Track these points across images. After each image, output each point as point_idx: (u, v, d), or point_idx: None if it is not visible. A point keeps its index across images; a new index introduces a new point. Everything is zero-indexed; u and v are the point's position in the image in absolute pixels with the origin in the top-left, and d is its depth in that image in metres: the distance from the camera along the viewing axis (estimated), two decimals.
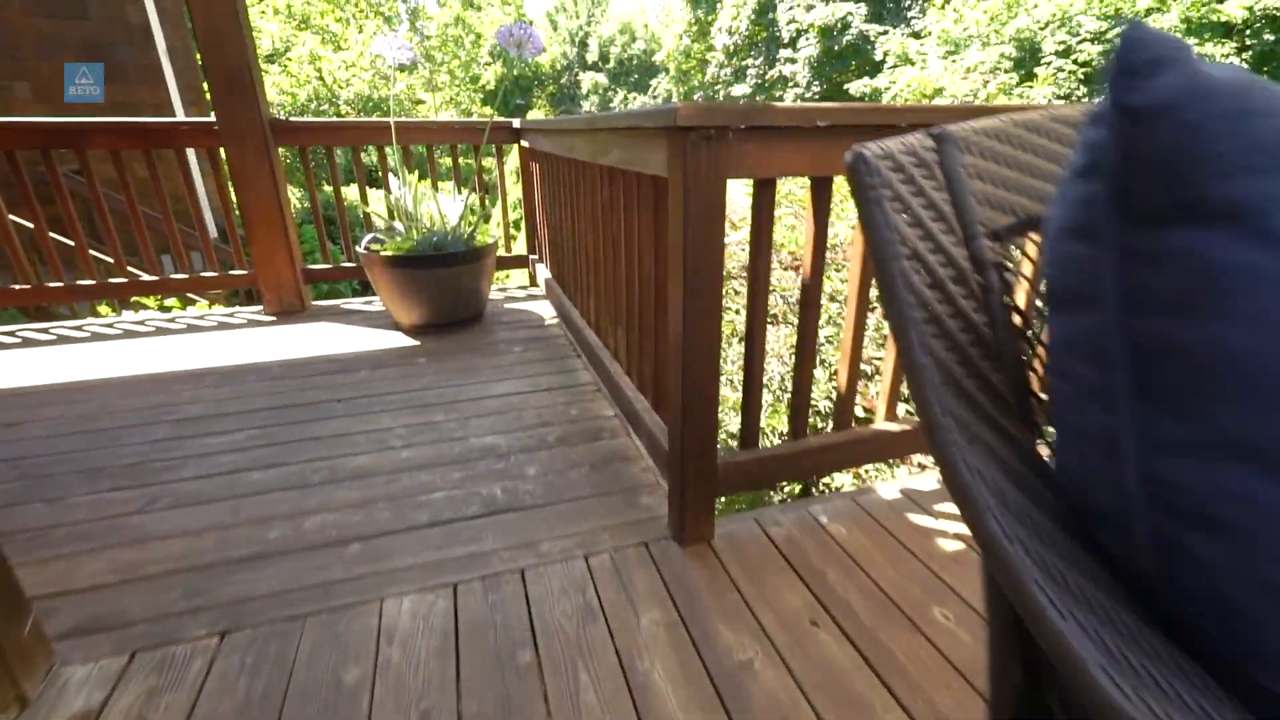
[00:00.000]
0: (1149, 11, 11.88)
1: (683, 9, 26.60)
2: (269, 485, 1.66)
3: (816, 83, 19.23)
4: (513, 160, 8.33)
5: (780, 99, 21.04)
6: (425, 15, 16.26)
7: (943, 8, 15.23)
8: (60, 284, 2.93)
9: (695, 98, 28.30)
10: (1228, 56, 11.62)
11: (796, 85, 19.61)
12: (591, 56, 37.87)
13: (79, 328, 2.95)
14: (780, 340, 3.19)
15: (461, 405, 2.13)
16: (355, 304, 3.30)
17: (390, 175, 2.88)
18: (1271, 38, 11.80)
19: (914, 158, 0.49)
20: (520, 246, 4.00)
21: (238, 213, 3.01)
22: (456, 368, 2.46)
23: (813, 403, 2.83)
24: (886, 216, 0.46)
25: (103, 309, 3.89)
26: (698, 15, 24.69)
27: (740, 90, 22.36)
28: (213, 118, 2.79)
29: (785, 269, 3.66)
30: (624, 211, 1.66)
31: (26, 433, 1.95)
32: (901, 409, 1.64)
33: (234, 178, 2.88)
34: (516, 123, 3.20)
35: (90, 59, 6.00)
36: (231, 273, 3.16)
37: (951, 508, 1.54)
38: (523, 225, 3.80)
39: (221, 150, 2.88)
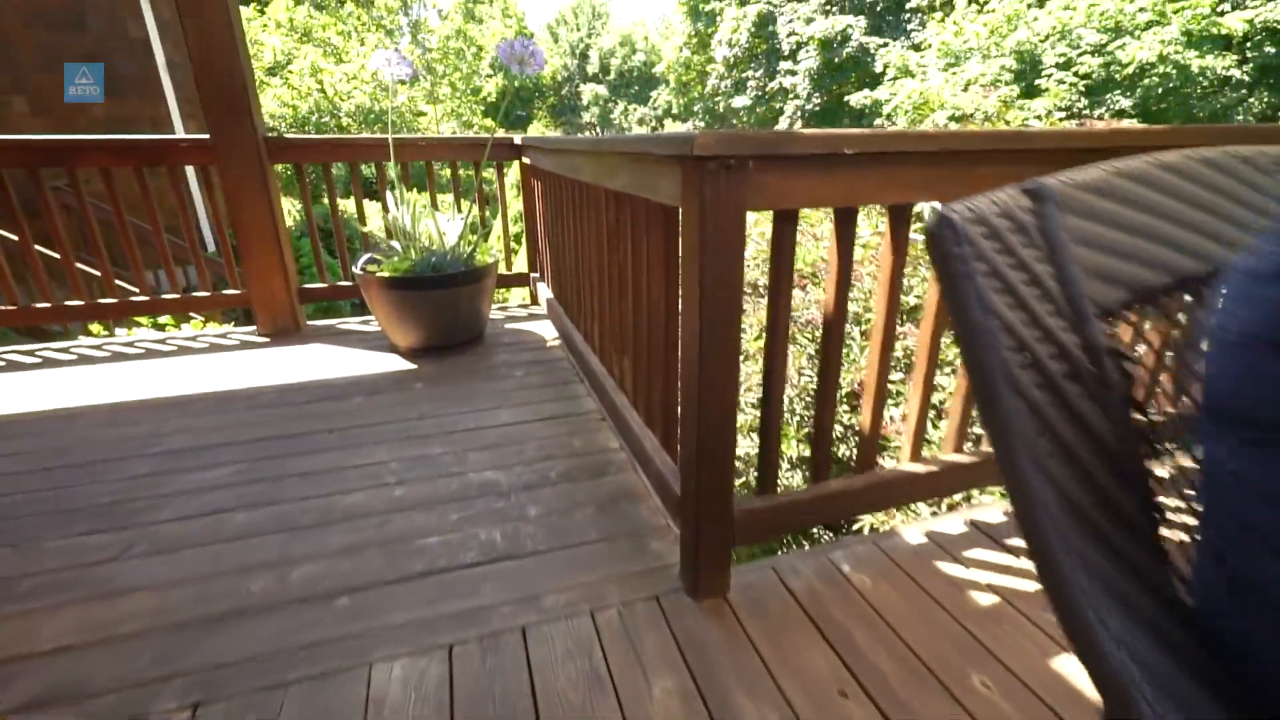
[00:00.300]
0: (1149, 25, 11.90)
1: (682, 21, 26.76)
2: (255, 528, 1.56)
3: (817, 94, 19.29)
4: (514, 173, 8.30)
5: (780, 110, 21.10)
6: (427, 28, 16.31)
7: (942, 21, 15.27)
8: (47, 305, 2.85)
9: (695, 109, 28.43)
10: (1228, 69, 11.63)
11: (797, 97, 19.66)
12: (592, 68, 38.13)
13: (66, 349, 2.86)
14: (787, 359, 3.10)
15: (459, 436, 2.03)
16: (352, 324, 3.21)
17: (388, 193, 2.80)
18: (1272, 50, 11.82)
19: (1009, 220, 0.40)
20: (521, 262, 3.92)
21: (231, 231, 2.93)
22: (455, 394, 2.36)
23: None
24: (982, 297, 0.37)
25: (95, 327, 3.80)
26: (698, 28, 24.83)
27: (741, 102, 22.44)
28: (206, 135, 2.72)
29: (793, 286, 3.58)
30: (631, 237, 1.57)
31: (1, 468, 1.86)
32: (940, 434, 1.54)
33: (228, 196, 2.81)
34: (518, 139, 3.13)
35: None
36: (225, 292, 3.07)
37: (983, 554, 1.44)
38: (524, 241, 3.73)
39: (215, 168, 2.80)
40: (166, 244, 2.96)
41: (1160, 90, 11.47)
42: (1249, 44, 11.96)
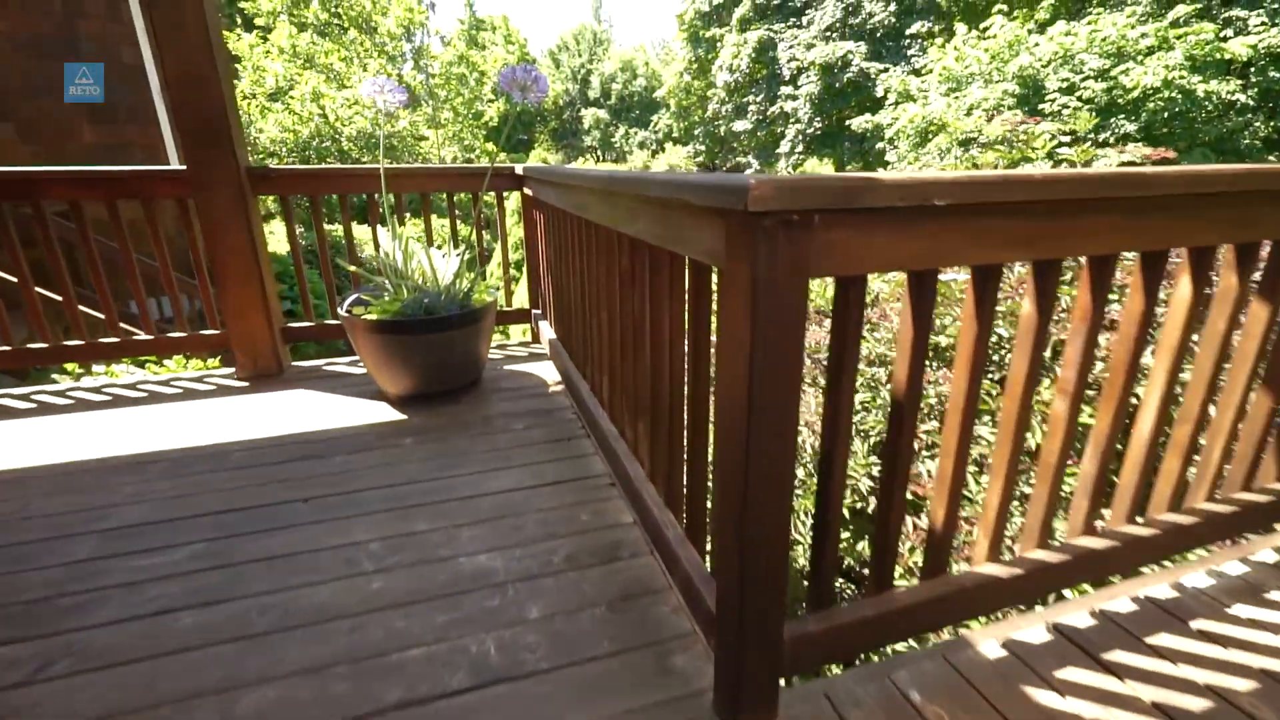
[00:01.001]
0: (1151, 51, 11.90)
1: (683, 48, 27.06)
2: (203, 635, 1.31)
3: (818, 119, 19.35)
4: (515, 198, 8.16)
5: (782, 134, 21.19)
6: (429, 55, 16.37)
7: (942, 47, 15.33)
8: (6, 348, 2.62)
9: (696, 133, 28.62)
10: (1233, 94, 11.59)
11: (798, 121, 19.73)
12: (593, 93, 38.56)
13: (26, 396, 2.63)
14: (809, 408, 2.86)
15: (451, 507, 1.79)
16: (340, 365, 2.99)
17: (379, 227, 2.60)
18: (1276, 75, 11.80)
19: None
20: (522, 293, 3.70)
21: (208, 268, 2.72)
22: (447, 452, 2.12)
23: (857, 494, 2.49)
24: None
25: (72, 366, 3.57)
26: (698, 54, 25.10)
27: (741, 126, 22.56)
28: (184, 166, 2.52)
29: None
30: (651, 290, 1.35)
31: None
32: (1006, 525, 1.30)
33: (205, 230, 2.60)
34: (519, 169, 2.94)
35: (80, 99, 5.82)
36: (203, 332, 2.85)
37: (1079, 676, 1.19)
38: (524, 272, 3.51)
39: (192, 201, 2.60)
40: (139, 279, 2.75)
41: (1166, 114, 11.40)
42: (1252, 69, 11.94)
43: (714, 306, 1.08)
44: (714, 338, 1.02)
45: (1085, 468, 1.25)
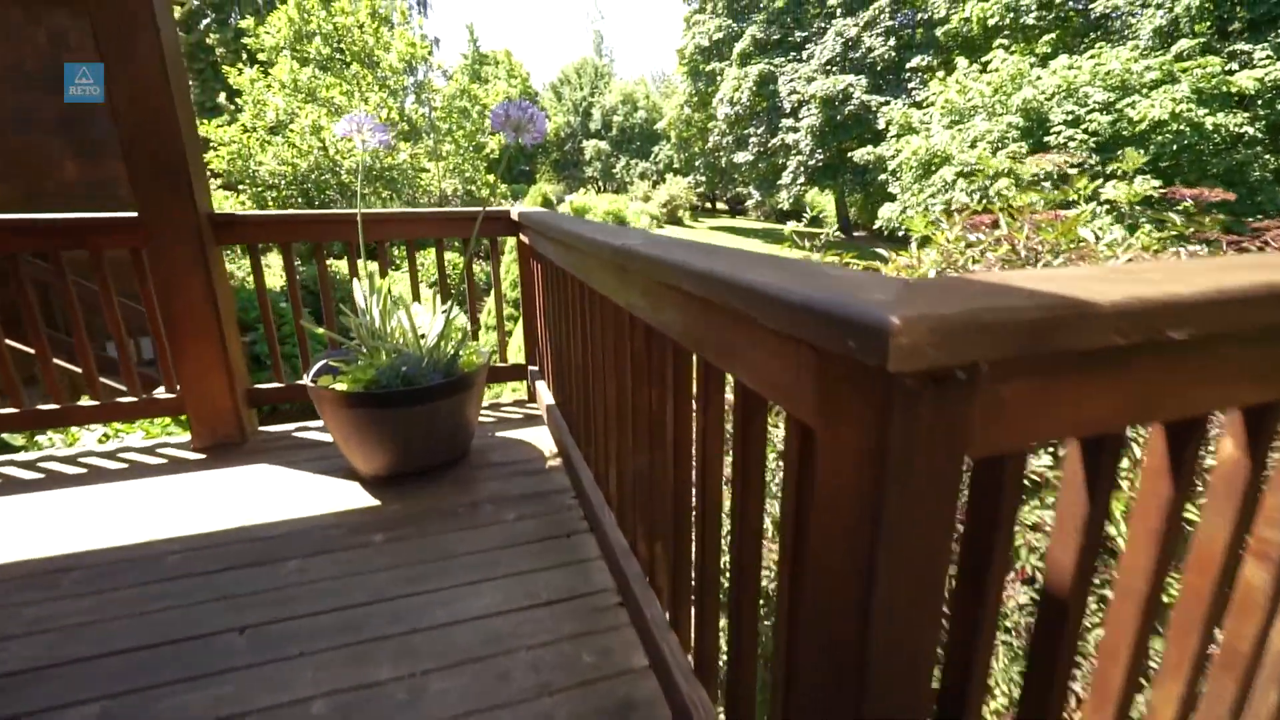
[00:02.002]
0: (1157, 84, 11.84)
1: (683, 81, 27.37)
2: None
3: (820, 150, 19.36)
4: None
5: (783, 166, 21.21)
6: (432, 89, 16.43)
7: (943, 80, 15.36)
8: None
9: (697, 164, 28.76)
10: (1240, 127, 11.48)
11: (800, 153, 19.75)
12: (594, 125, 39.00)
13: None
14: None
15: (420, 642, 1.44)
16: (313, 431, 2.65)
17: (354, 281, 2.30)
18: None
19: None
20: (518, 334, 3.38)
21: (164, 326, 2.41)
22: (423, 553, 1.78)
23: None
24: None
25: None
26: (698, 87, 25.34)
27: (742, 158, 22.62)
28: (135, 214, 2.24)
29: None
30: (675, 395, 1.03)
31: None
32: None
33: (158, 284, 2.30)
34: (515, 213, 2.65)
35: (65, 134, 5.62)
36: (156, 396, 2.53)
37: None
38: (520, 322, 3.21)
39: (145, 251, 2.31)
40: (86, 342, 2.44)
41: (1175, 147, 11.28)
42: (1260, 102, 11.87)
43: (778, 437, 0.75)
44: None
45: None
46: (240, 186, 13.51)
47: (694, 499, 1.07)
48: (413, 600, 1.58)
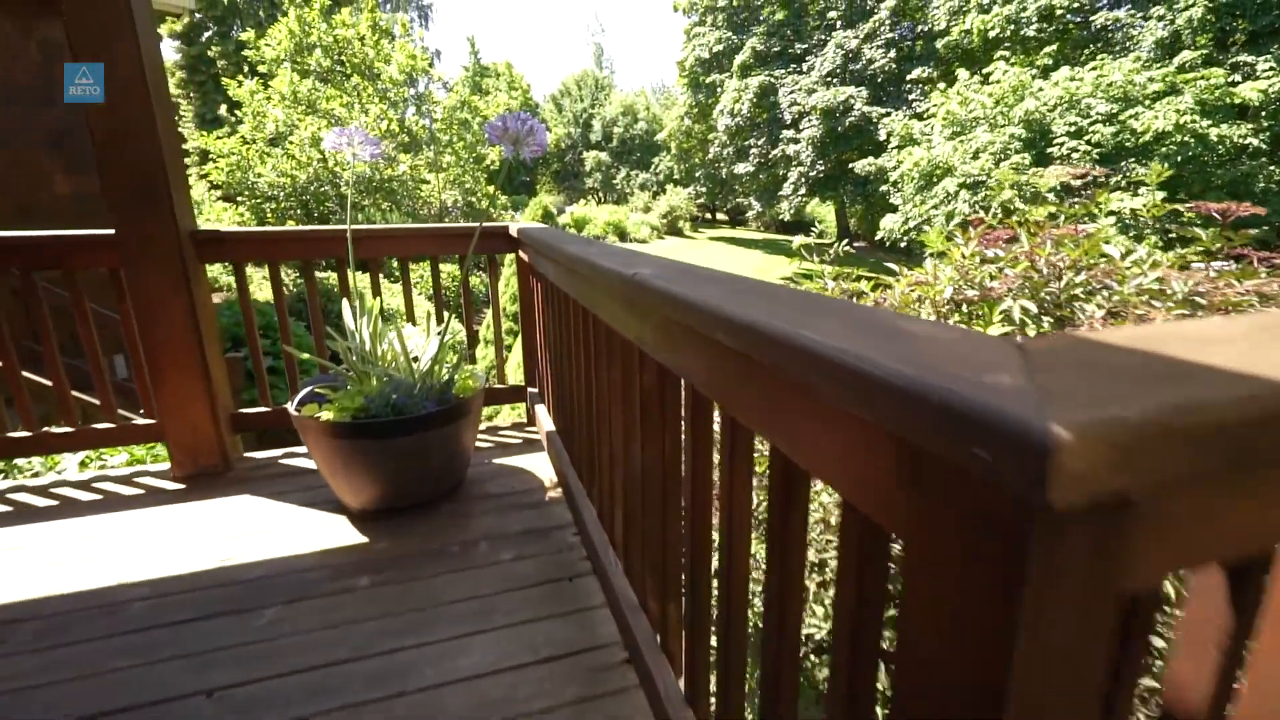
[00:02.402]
0: (1160, 95, 11.80)
1: (683, 93, 27.45)
2: None
3: (821, 161, 19.34)
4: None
5: (783, 177, 21.20)
6: (432, 100, 16.43)
7: (944, 92, 15.35)
8: None
9: (697, 175, 28.79)
10: (1245, 138, 11.43)
11: (801, 164, 19.73)
12: (595, 136, 39.13)
13: None
14: None
15: (406, 711, 1.30)
16: (300, 458, 2.52)
17: (344, 302, 2.18)
18: None
19: None
20: (517, 351, 3.25)
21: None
22: (412, 600, 1.64)
23: None
24: None
25: None
26: (698, 98, 25.41)
27: (743, 169, 22.61)
28: (111, 230, 2.12)
29: None
30: (694, 446, 0.90)
31: None
32: None
33: (137, 306, 2.17)
34: (514, 229, 2.53)
35: (55, 147, 5.53)
36: (135, 422, 2.40)
37: None
38: (519, 339, 3.08)
39: (123, 271, 2.18)
40: (61, 367, 2.31)
41: (1180, 158, 11.21)
42: (1264, 113, 11.82)
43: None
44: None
45: None
46: (239, 198, 13.45)
47: (710, 563, 0.94)
48: (399, 657, 1.44)
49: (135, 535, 1.96)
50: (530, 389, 2.82)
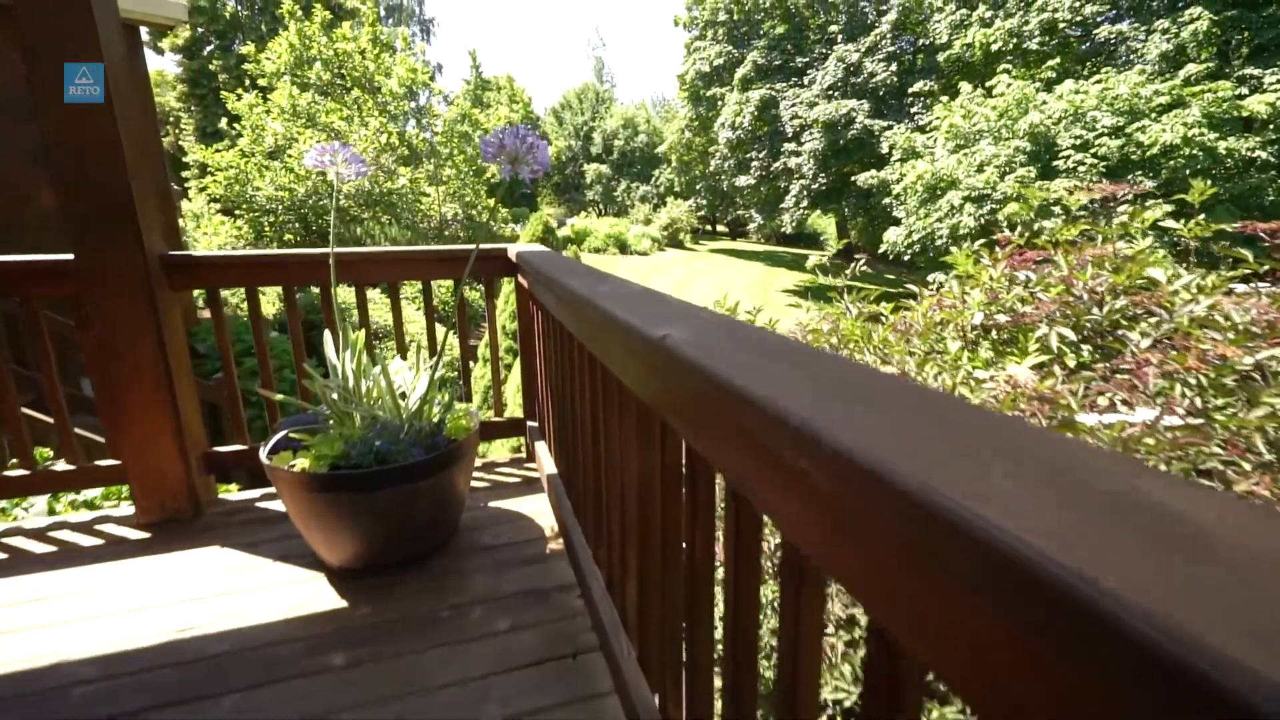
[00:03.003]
0: (1166, 109, 11.70)
1: (684, 106, 27.48)
2: None
3: (823, 174, 19.26)
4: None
5: (785, 190, 21.13)
6: (433, 113, 16.37)
7: (948, 105, 15.28)
8: None
9: (698, 188, 28.77)
10: (1253, 151, 11.31)
11: (802, 177, 19.65)
12: (595, 149, 39.22)
13: None
14: None
15: None
16: (278, 500, 2.31)
17: (326, 334, 1.99)
18: None
19: None
20: (515, 374, 3.05)
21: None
22: (393, 687, 1.43)
23: None
24: None
25: None
26: (699, 111, 25.41)
27: (744, 181, 22.55)
28: (70, 255, 1.93)
29: None
30: (737, 559, 0.70)
31: None
32: None
33: (97, 337, 1.98)
34: (513, 252, 2.35)
35: (41, 162, 5.36)
36: (97, 463, 2.20)
37: None
38: (516, 364, 2.88)
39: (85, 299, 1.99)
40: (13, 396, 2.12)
41: (1188, 171, 11.08)
42: (1271, 126, 11.71)
43: None
44: None
45: None
46: (237, 211, 13.33)
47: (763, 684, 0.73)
48: None
49: (89, 596, 1.76)
50: (530, 423, 2.62)
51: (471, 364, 6.93)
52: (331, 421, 1.83)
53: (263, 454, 1.77)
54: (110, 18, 1.91)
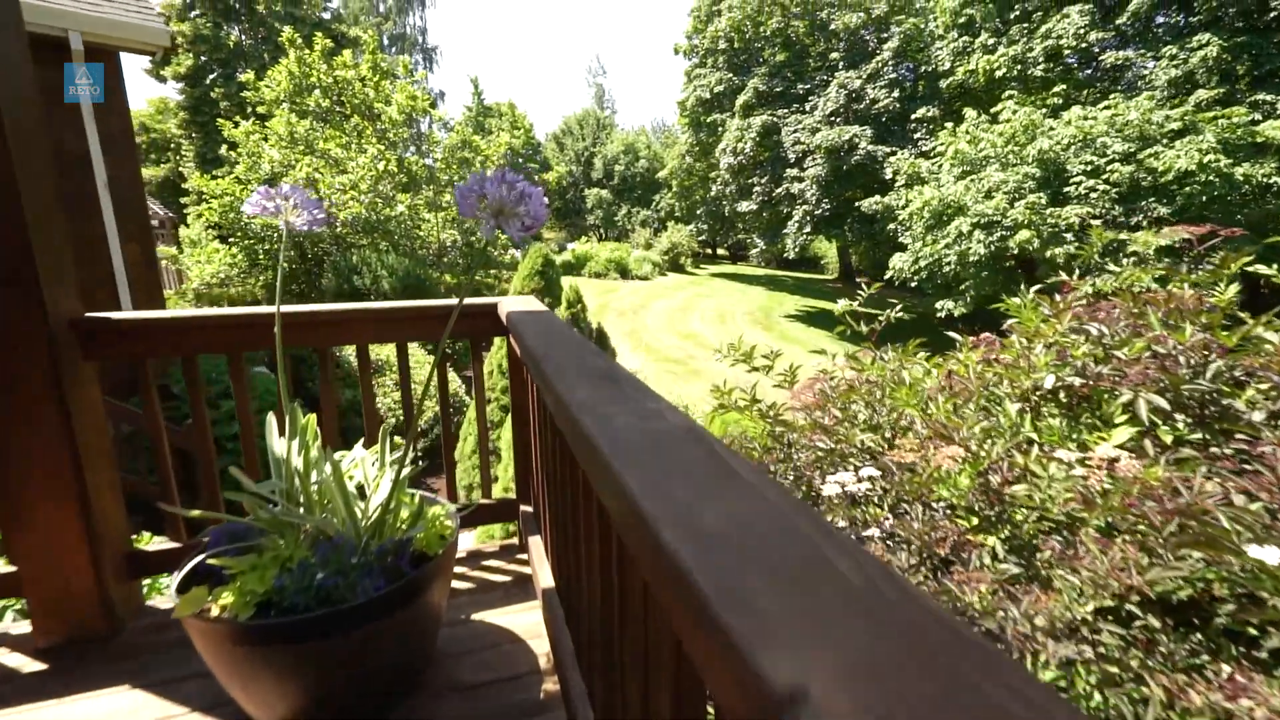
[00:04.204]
0: (1179, 133, 11.49)
1: (684, 131, 27.49)
2: None
3: (826, 200, 19.08)
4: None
5: (788, 215, 20.95)
6: (432, 139, 16.23)
7: (953, 131, 15.12)
8: None
9: (699, 212, 28.67)
10: (1269, 177, 11.07)
11: (806, 203, 19.47)
12: (596, 174, 39.32)
13: None
14: None
15: None
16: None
17: (270, 416, 1.60)
18: None
19: None
20: (504, 430, 2.64)
21: None
22: None
23: None
24: None
25: None
26: (699, 137, 25.39)
27: (746, 206, 22.39)
28: None
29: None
30: None
31: None
32: None
33: None
34: (504, 310, 1.97)
35: None
36: None
37: None
38: (507, 428, 2.48)
39: None
40: None
41: (1204, 198, 10.82)
42: None
43: None
44: None
45: None
46: (230, 239, 13.06)
47: None
48: None
49: None
50: (524, 507, 2.21)
51: (454, 445, 6.52)
52: (266, 538, 1.43)
53: (171, 588, 1.37)
54: (10, 41, 1.56)
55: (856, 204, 18.10)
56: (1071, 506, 1.71)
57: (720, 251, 38.88)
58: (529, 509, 2.19)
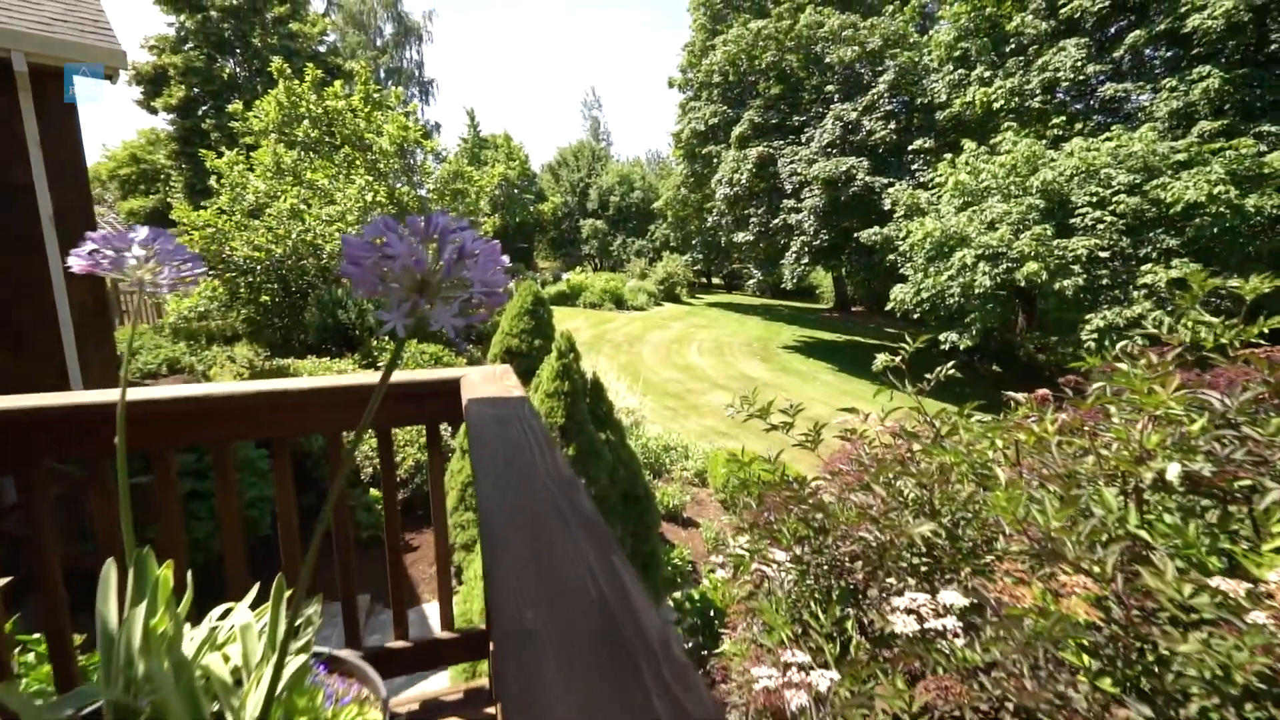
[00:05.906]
0: (1184, 165, 11.29)
1: (679, 163, 27.49)
2: None
3: (824, 231, 18.87)
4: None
5: (785, 246, 20.72)
6: (425, 171, 15.97)
7: (952, 162, 14.97)
8: None
9: (694, 243, 28.52)
10: (1277, 208, 10.83)
11: (803, 233, 19.25)
12: (591, 204, 39.35)
13: None
14: None
15: None
16: None
17: (109, 570, 1.09)
18: None
19: None
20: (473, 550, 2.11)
21: None
22: None
23: None
24: None
25: None
26: (694, 168, 25.34)
27: (743, 237, 22.20)
28: None
29: None
30: None
31: None
32: None
33: None
34: (465, 394, 1.46)
35: None
36: None
37: None
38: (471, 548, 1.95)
39: None
40: None
41: (1215, 229, 10.55)
42: None
43: None
44: None
45: None
46: (211, 272, 12.60)
47: None
48: None
49: None
50: (493, 647, 1.68)
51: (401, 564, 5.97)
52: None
53: None
54: None
55: (855, 235, 17.88)
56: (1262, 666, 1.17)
57: (715, 281, 38.75)
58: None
